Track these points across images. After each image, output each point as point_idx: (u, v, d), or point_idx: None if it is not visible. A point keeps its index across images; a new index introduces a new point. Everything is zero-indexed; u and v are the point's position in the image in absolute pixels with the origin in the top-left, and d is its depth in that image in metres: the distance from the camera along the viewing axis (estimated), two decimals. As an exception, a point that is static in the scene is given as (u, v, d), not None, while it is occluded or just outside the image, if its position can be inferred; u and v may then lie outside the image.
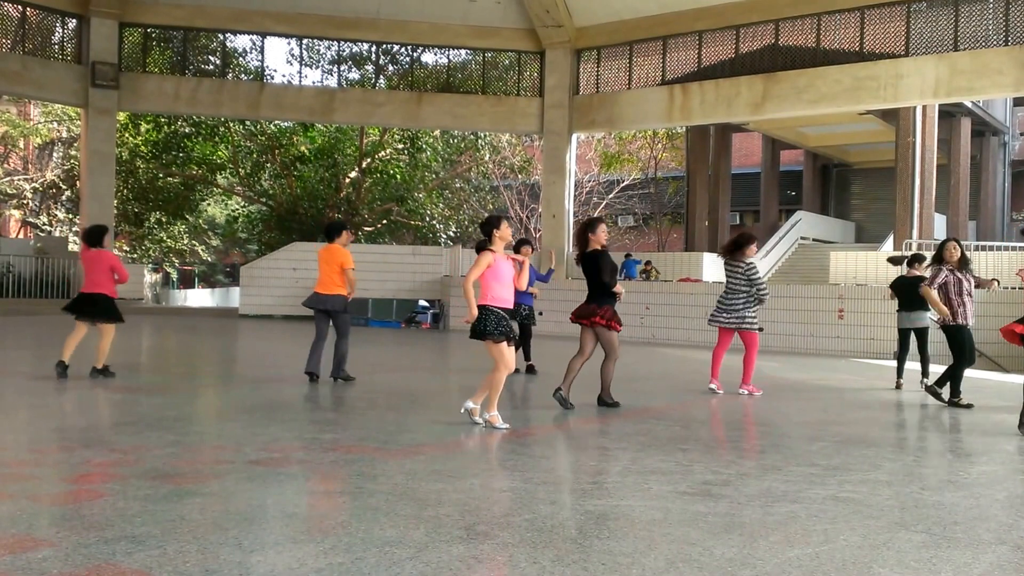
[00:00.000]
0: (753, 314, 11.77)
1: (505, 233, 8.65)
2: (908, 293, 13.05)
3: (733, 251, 11.85)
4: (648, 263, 26.82)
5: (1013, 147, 41.14)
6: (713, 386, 11.71)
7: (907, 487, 6.56)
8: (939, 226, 32.20)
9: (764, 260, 30.15)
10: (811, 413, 10.46)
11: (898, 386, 13.09)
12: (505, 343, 8.49)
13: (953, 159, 34.82)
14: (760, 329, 11.91)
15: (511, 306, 8.66)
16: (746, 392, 11.60)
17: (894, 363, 14.06)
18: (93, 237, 11.73)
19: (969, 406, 10.87)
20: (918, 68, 23.79)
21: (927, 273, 12.82)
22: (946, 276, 10.98)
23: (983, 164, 38.88)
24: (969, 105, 33.52)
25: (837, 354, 18.73)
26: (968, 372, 11.85)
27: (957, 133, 34.72)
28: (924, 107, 29.28)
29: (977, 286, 11.47)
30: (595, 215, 9.50)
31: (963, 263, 11.12)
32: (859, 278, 24.64)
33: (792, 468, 7.02)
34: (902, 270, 14.49)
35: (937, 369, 12.44)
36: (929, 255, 13.16)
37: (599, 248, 10.19)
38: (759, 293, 11.71)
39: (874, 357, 18.48)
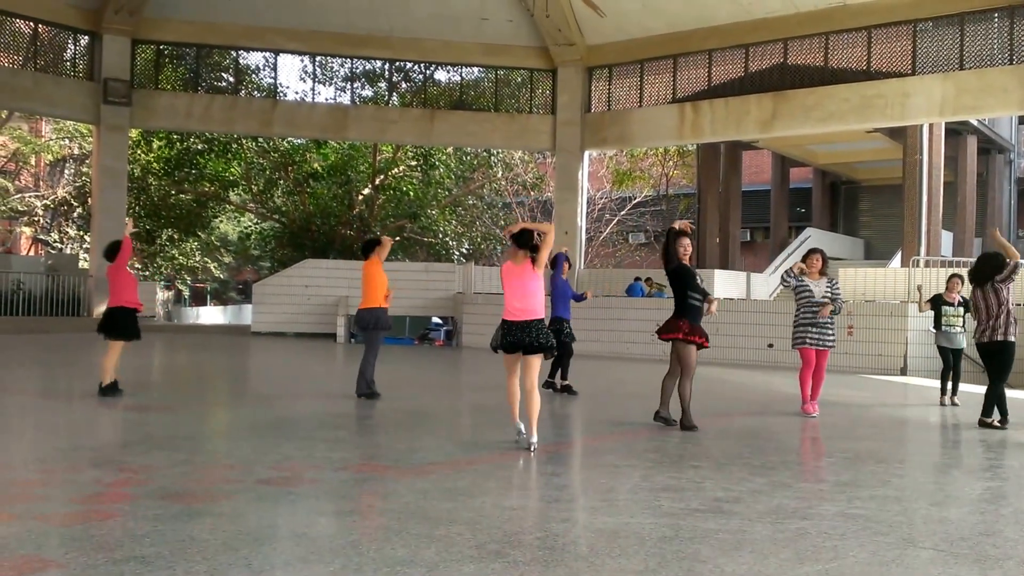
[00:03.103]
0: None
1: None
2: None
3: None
4: (648, 279, 26.77)
5: (1019, 164, 41.12)
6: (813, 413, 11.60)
7: (915, 503, 6.57)
8: (946, 243, 32.15)
9: (774, 276, 30.10)
10: (820, 429, 10.46)
11: (943, 403, 13.16)
12: (504, 353, 8.45)
13: (960, 176, 34.80)
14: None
15: (520, 318, 8.31)
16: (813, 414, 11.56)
17: (904, 379, 14.08)
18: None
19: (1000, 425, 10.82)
20: (924, 87, 23.84)
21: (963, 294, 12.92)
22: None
23: (989, 181, 38.90)
24: (975, 123, 33.51)
25: (846, 370, 18.70)
26: (971, 388, 11.87)
27: (963, 151, 34.70)
28: (931, 125, 29.28)
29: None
30: (677, 228, 9.30)
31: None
32: (868, 295, 24.59)
33: (802, 484, 7.03)
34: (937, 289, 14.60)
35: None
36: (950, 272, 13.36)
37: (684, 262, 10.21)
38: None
39: (883, 373, 18.45)
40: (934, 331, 13.67)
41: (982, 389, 11.26)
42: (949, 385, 13.24)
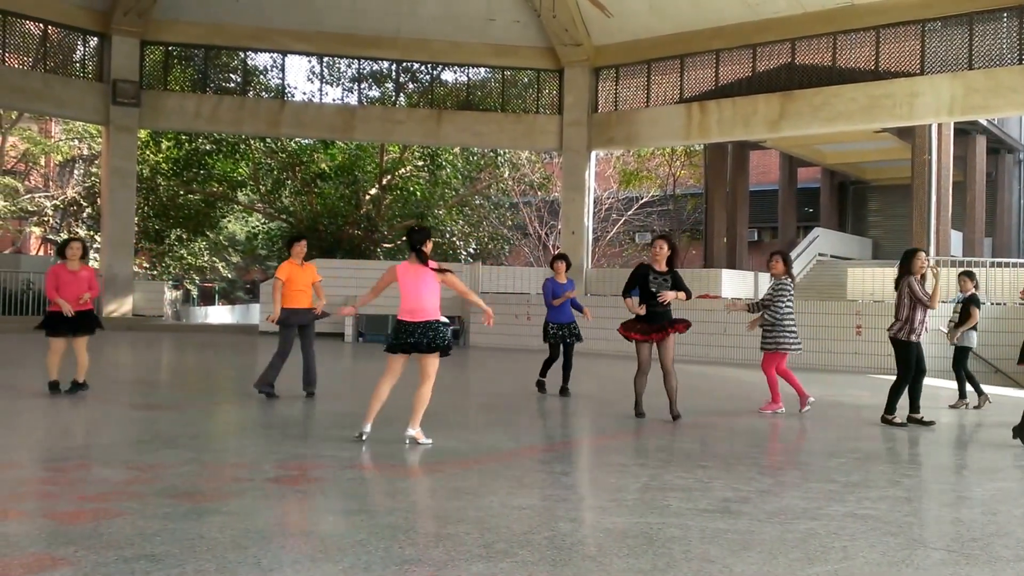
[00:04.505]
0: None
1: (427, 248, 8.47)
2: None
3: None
4: None
5: (1028, 164, 41.11)
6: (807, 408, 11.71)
7: (925, 503, 6.55)
8: (955, 243, 32.08)
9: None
10: (829, 430, 10.44)
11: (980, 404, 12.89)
12: (391, 354, 8.43)
13: (969, 176, 34.74)
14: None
15: (416, 319, 8.26)
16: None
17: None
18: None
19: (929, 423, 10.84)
20: (933, 86, 23.78)
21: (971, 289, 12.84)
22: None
23: (999, 181, 38.84)
24: (984, 123, 33.44)
25: (855, 370, 18.66)
26: (988, 389, 11.80)
27: (972, 150, 34.62)
28: (939, 125, 29.21)
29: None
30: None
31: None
32: (876, 295, 24.51)
33: (811, 485, 7.01)
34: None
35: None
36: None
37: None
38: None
39: (892, 373, 18.35)
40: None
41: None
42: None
